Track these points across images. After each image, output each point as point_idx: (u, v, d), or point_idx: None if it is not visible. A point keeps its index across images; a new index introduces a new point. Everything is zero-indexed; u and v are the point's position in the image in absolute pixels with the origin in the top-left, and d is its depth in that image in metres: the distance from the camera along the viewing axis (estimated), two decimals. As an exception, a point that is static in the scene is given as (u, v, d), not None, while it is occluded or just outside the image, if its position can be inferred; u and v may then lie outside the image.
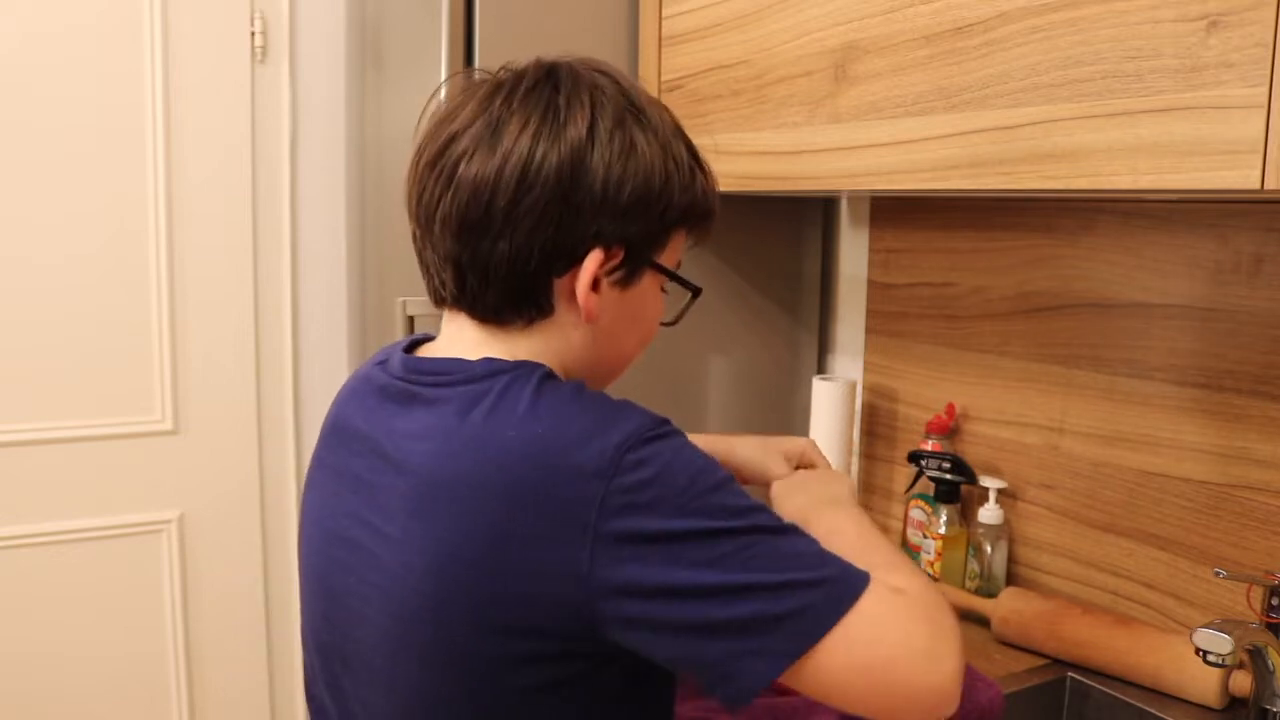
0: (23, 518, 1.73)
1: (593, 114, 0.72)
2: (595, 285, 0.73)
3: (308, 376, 1.94)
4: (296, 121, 1.87)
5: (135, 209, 1.75)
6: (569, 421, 0.66)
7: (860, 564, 0.70)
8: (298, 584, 1.93)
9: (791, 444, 1.02)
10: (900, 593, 0.68)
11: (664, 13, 1.43)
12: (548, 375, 0.71)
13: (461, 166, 0.71)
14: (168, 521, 1.84)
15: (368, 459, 0.74)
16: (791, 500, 0.90)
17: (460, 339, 0.76)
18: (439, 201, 0.72)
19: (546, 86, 0.73)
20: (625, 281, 0.76)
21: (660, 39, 1.44)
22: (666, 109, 0.80)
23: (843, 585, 0.66)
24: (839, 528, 0.81)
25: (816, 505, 0.87)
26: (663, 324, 0.83)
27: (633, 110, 0.74)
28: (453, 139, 0.72)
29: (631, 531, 0.63)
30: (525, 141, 0.70)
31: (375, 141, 1.68)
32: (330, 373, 1.95)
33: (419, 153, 0.75)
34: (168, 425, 1.82)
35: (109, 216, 1.73)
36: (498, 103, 0.72)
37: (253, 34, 1.80)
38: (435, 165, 0.73)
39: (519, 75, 0.74)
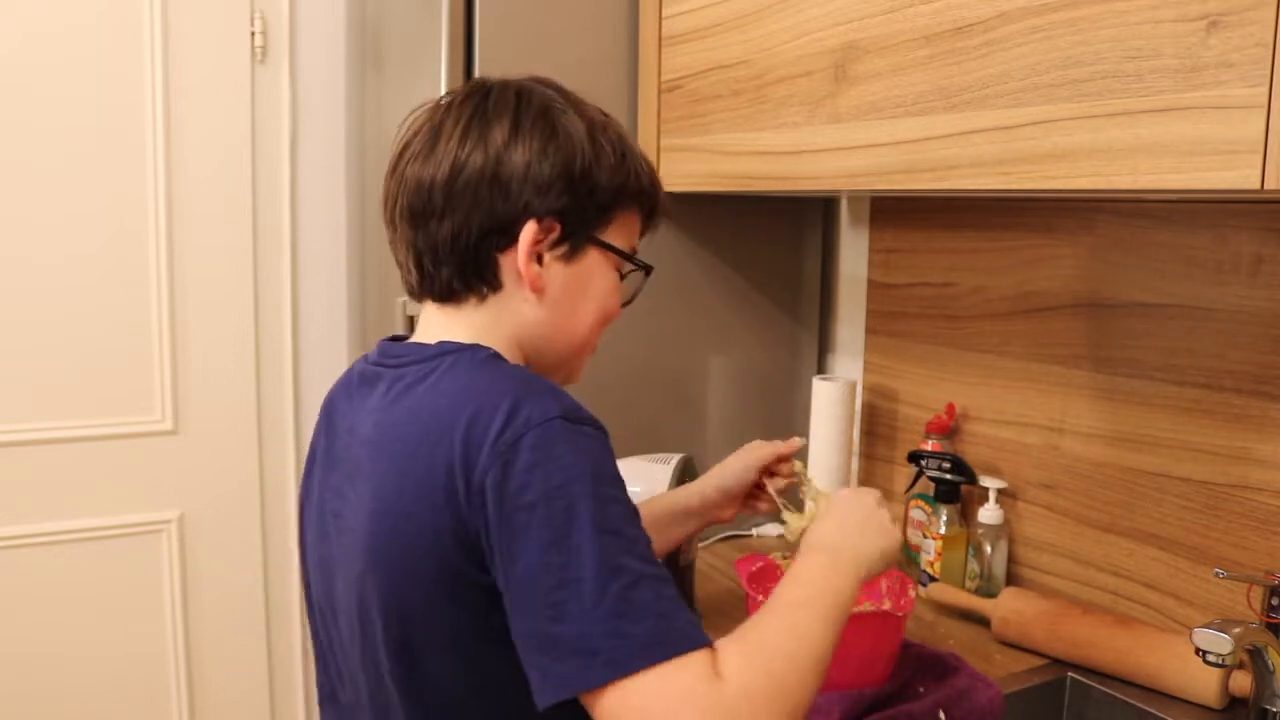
0: (23, 518, 1.73)
1: (516, 111, 0.81)
2: (540, 259, 0.82)
3: (308, 376, 1.94)
4: (296, 121, 1.87)
5: (135, 209, 1.75)
6: (496, 393, 0.72)
7: (748, 624, 0.71)
8: (298, 572, 1.92)
9: (744, 453, 1.12)
10: (716, 679, 0.65)
11: (664, 13, 1.43)
12: (492, 356, 0.79)
13: (409, 168, 0.82)
14: (168, 521, 1.84)
15: (344, 438, 0.83)
16: (826, 524, 0.90)
17: (428, 324, 0.85)
18: (395, 199, 0.83)
19: (478, 96, 0.83)
20: (569, 255, 0.83)
21: (660, 39, 1.44)
22: (603, 112, 0.88)
23: (649, 645, 0.65)
24: (796, 580, 0.79)
25: (824, 546, 0.85)
26: (623, 304, 0.90)
27: (558, 105, 0.83)
28: (405, 147, 0.84)
29: (502, 494, 0.68)
30: (456, 141, 0.80)
31: (375, 141, 1.68)
32: (330, 373, 1.94)
33: (388, 167, 0.86)
34: (168, 425, 1.82)
35: (109, 216, 1.73)
36: (439, 115, 0.83)
37: (253, 34, 1.80)
38: (393, 173, 0.84)
39: (460, 92, 0.85)
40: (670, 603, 0.67)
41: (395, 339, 0.88)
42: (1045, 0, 0.90)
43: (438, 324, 0.84)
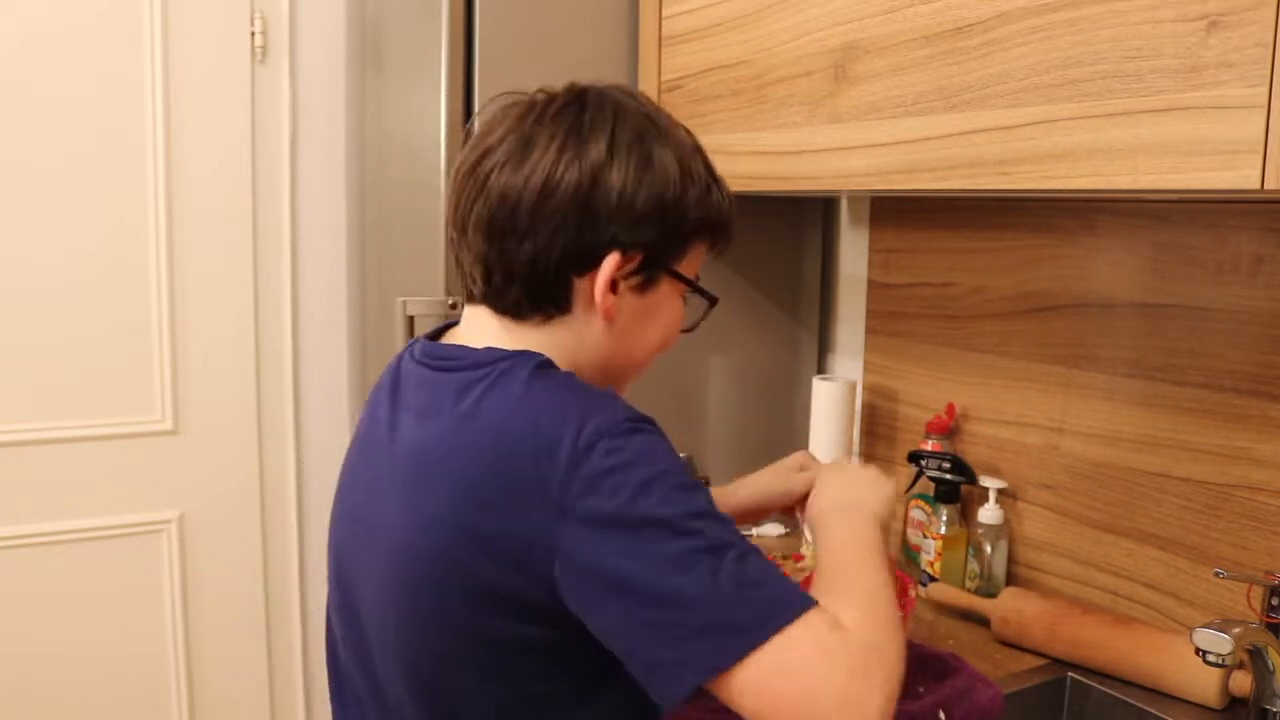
0: (23, 518, 1.73)
1: (613, 131, 0.78)
2: (614, 287, 0.79)
3: (308, 376, 1.94)
4: (296, 121, 1.87)
5: (135, 209, 1.75)
6: (554, 406, 0.71)
7: (828, 583, 0.73)
8: (298, 572, 1.92)
9: (790, 460, 1.07)
10: (840, 629, 0.67)
11: (664, 13, 1.43)
12: (544, 364, 0.76)
13: (493, 176, 0.78)
14: (168, 521, 1.84)
15: (382, 438, 0.81)
16: (824, 494, 0.92)
17: (477, 328, 0.82)
18: (472, 207, 0.79)
19: (574, 107, 0.79)
20: (643, 286, 0.81)
21: (660, 39, 1.44)
22: (688, 131, 0.85)
23: (774, 609, 0.66)
24: (838, 540, 0.82)
25: (837, 509, 0.88)
26: (683, 331, 0.90)
27: (654, 127, 0.80)
28: (487, 153, 0.79)
29: (591, 511, 0.67)
30: (551, 155, 0.76)
31: (375, 141, 1.69)
32: (330, 373, 1.95)
33: (458, 166, 0.82)
34: (168, 425, 1.82)
35: (109, 216, 1.73)
36: (529, 122, 0.79)
37: (253, 34, 1.80)
38: (471, 175, 0.80)
39: (550, 97, 0.81)
40: (774, 570, 0.69)
41: (439, 333, 0.87)
42: (1045, 0, 0.90)
43: (489, 330, 0.81)
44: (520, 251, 0.77)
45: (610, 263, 0.77)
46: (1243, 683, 1.03)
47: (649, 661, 0.67)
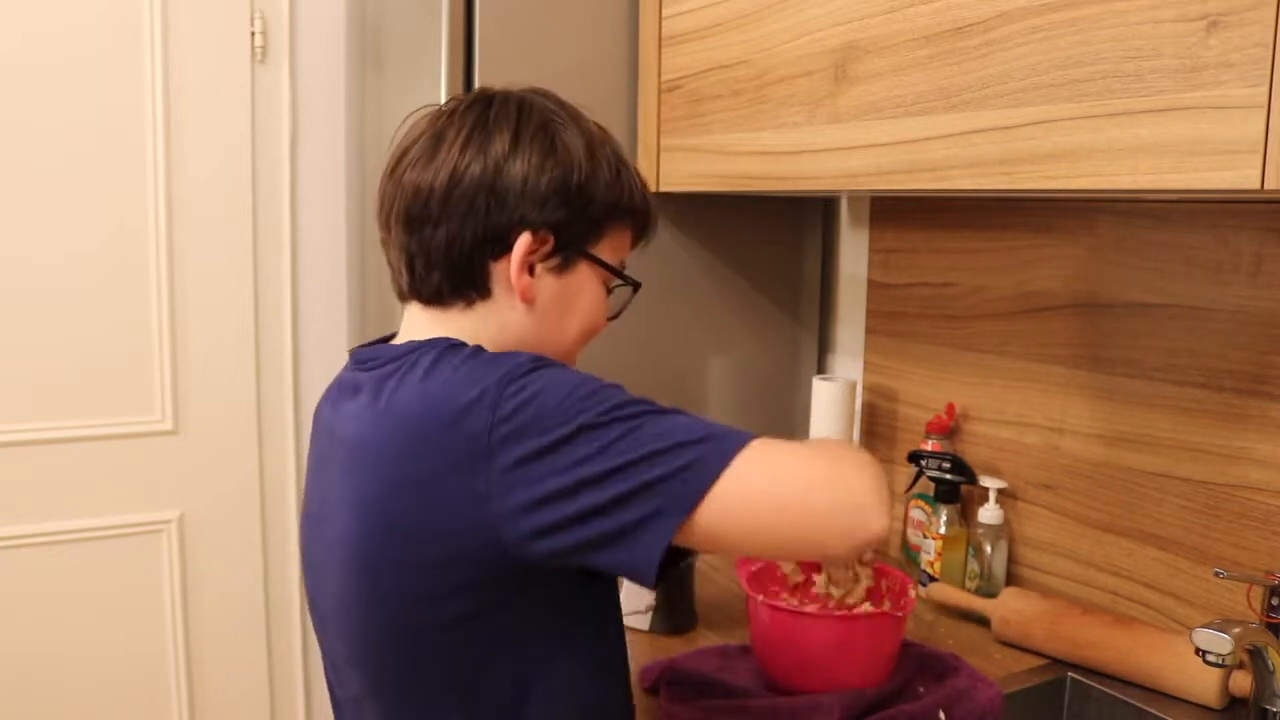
0: (23, 518, 1.73)
1: (518, 122, 0.82)
2: (532, 270, 0.83)
3: (308, 376, 1.94)
4: (296, 121, 1.87)
5: (135, 209, 1.75)
6: (458, 376, 0.74)
7: (813, 447, 0.76)
8: (298, 572, 1.92)
9: None
10: (801, 445, 0.72)
11: (664, 13, 1.43)
12: (453, 346, 0.80)
13: (408, 174, 0.83)
14: (168, 521, 1.84)
15: (328, 444, 0.84)
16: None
17: (410, 325, 0.87)
18: (393, 205, 0.84)
19: (481, 105, 0.84)
20: (560, 268, 0.85)
21: (660, 39, 1.44)
22: (599, 126, 0.89)
23: (727, 439, 0.70)
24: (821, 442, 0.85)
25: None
26: (609, 318, 0.91)
27: (558, 119, 0.84)
28: (403, 154, 0.84)
29: (519, 457, 0.69)
30: (458, 148, 0.81)
31: (375, 141, 1.68)
32: (330, 373, 1.95)
33: (383, 172, 0.87)
34: (168, 425, 1.82)
35: (109, 216, 1.73)
36: (440, 122, 0.84)
37: (253, 34, 1.80)
38: (390, 176, 0.85)
39: (460, 99, 0.86)
40: (709, 419, 0.73)
41: (366, 345, 0.89)
42: (1045, 0, 0.90)
43: (421, 325, 0.85)
44: (435, 238, 0.81)
45: (522, 243, 0.81)
46: (1243, 683, 1.03)
47: (621, 537, 0.69)
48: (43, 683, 1.77)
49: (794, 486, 0.69)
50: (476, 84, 1.37)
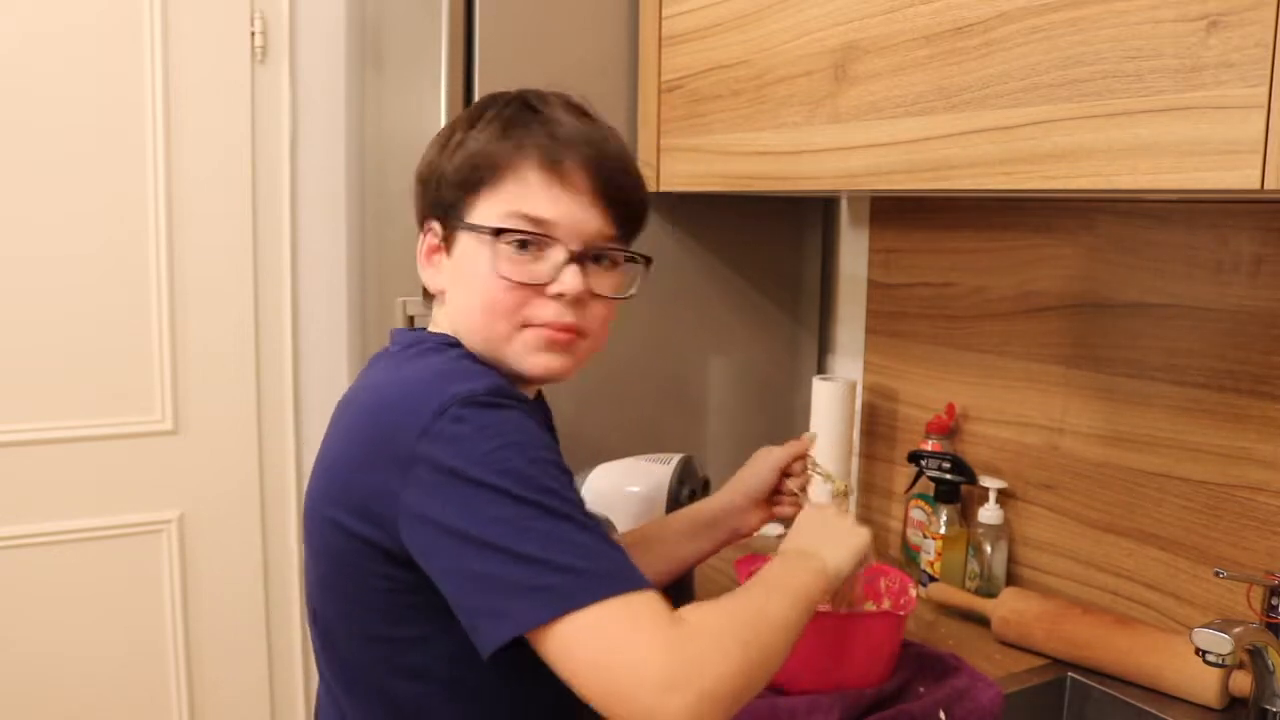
0: (23, 518, 1.73)
1: (453, 122, 0.88)
2: (436, 261, 0.89)
3: (308, 376, 1.94)
4: (296, 121, 1.87)
5: (135, 209, 1.75)
6: (426, 378, 0.78)
7: (729, 596, 0.74)
8: (303, 573, 1.90)
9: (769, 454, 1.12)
10: (677, 621, 0.67)
11: (664, 13, 1.43)
12: (445, 344, 0.84)
13: None
14: (168, 521, 1.84)
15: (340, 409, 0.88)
16: (794, 536, 0.94)
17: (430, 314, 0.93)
18: None
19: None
20: (448, 250, 0.87)
21: (660, 39, 1.44)
22: (521, 96, 0.87)
23: (598, 581, 0.67)
24: (768, 573, 0.83)
25: (795, 550, 0.89)
26: (505, 279, 0.83)
27: (475, 110, 0.87)
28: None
29: (429, 458, 0.71)
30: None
31: (375, 141, 1.68)
32: (330, 373, 1.95)
33: None
34: (168, 425, 1.82)
35: (109, 216, 1.73)
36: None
37: (253, 34, 1.80)
38: None
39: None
40: (618, 549, 0.71)
41: (403, 329, 0.95)
42: (1045, 0, 0.90)
43: (433, 313, 0.93)
44: None
45: (420, 241, 0.89)
46: (1243, 683, 1.03)
47: (473, 609, 0.69)
48: (43, 683, 1.77)
49: (626, 668, 0.65)
50: (476, 84, 1.37)
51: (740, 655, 0.69)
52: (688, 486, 1.34)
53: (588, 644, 0.66)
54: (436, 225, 0.87)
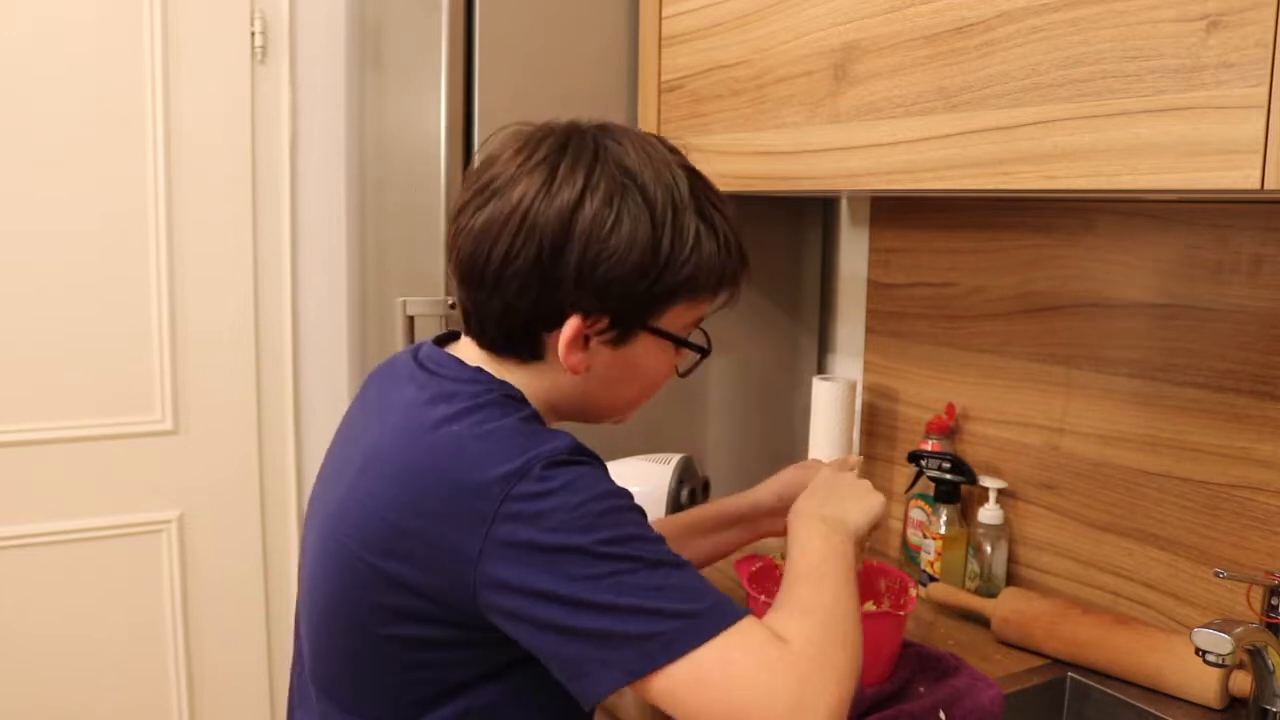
0: (23, 518, 1.73)
1: (583, 191, 0.76)
2: (586, 342, 0.81)
3: (308, 376, 1.94)
4: (296, 121, 1.87)
5: (135, 209, 1.75)
6: (506, 439, 0.73)
7: (786, 593, 0.75)
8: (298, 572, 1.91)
9: (802, 464, 1.11)
10: (781, 642, 0.68)
11: (664, 13, 1.43)
12: (512, 399, 0.79)
13: (466, 224, 0.80)
14: (168, 521, 1.84)
15: (366, 417, 0.84)
16: (811, 497, 0.94)
17: (473, 347, 0.85)
18: (452, 249, 0.82)
19: (555, 157, 0.78)
20: (617, 341, 0.81)
21: (660, 39, 1.44)
22: (686, 174, 0.82)
23: (705, 621, 0.68)
24: (808, 549, 0.83)
25: (818, 515, 0.89)
26: (680, 375, 0.89)
27: (632, 184, 0.77)
28: (470, 196, 0.81)
29: (517, 538, 0.69)
30: (516, 220, 0.77)
31: (375, 141, 1.68)
32: (330, 373, 1.95)
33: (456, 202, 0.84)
34: (168, 425, 1.82)
35: (109, 217, 1.73)
36: (509, 171, 0.79)
37: (253, 34, 1.80)
38: (456, 219, 0.82)
39: (537, 144, 0.80)
40: (708, 583, 0.71)
41: (441, 340, 0.89)
42: (1045, 0, 0.90)
43: (482, 357, 0.84)
44: (490, 305, 0.80)
45: (571, 326, 0.78)
46: (1243, 683, 1.03)
47: (573, 662, 0.68)
48: (43, 682, 1.77)
49: (751, 703, 0.66)
50: (477, 84, 1.37)
51: (845, 658, 0.71)
52: (688, 486, 1.35)
53: (708, 683, 0.66)
54: (605, 319, 0.79)
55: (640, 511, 0.74)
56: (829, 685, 0.67)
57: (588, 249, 0.76)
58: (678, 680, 0.66)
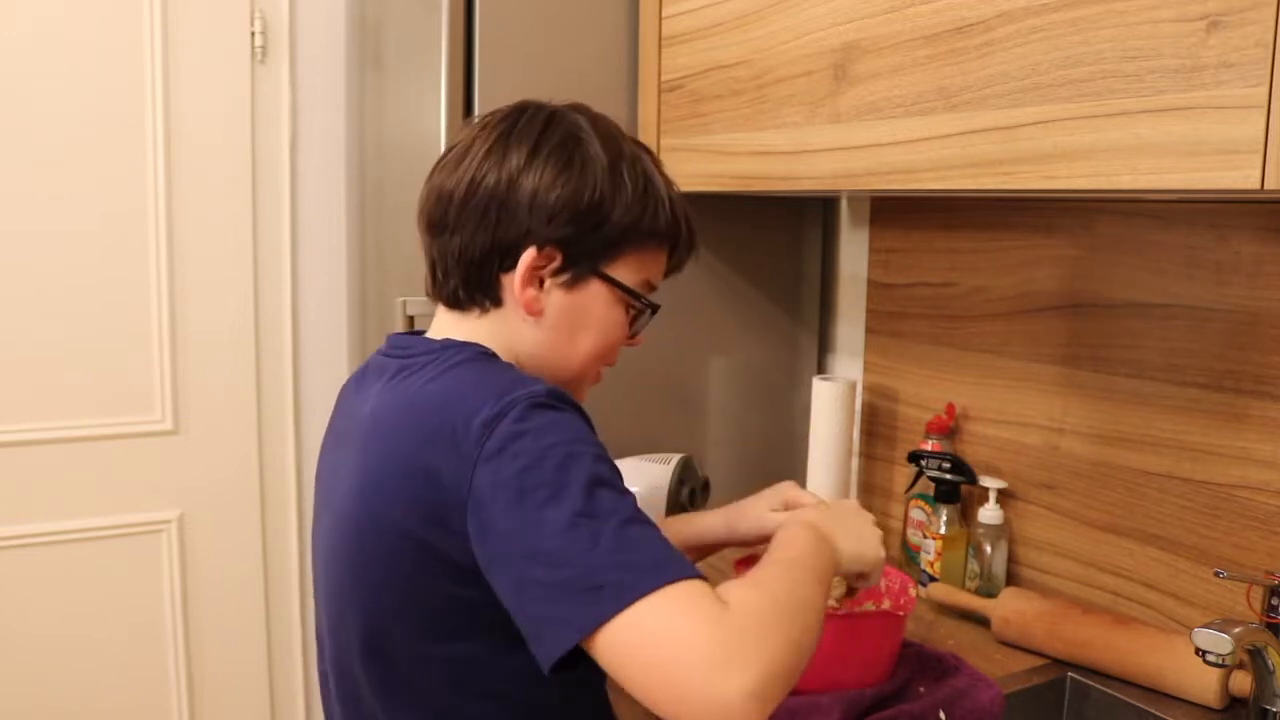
0: (23, 518, 1.73)
1: (539, 136, 0.84)
2: (541, 284, 0.85)
3: (308, 376, 1.94)
4: (296, 121, 1.87)
5: (135, 209, 1.75)
6: (482, 383, 0.76)
7: (753, 571, 0.74)
8: (298, 572, 1.91)
9: (774, 492, 1.09)
10: (720, 604, 0.66)
11: (664, 13, 1.43)
12: (485, 353, 0.83)
13: (434, 178, 0.87)
14: (168, 521, 1.84)
15: (349, 419, 0.88)
16: (810, 513, 0.95)
17: (438, 324, 0.90)
18: (421, 205, 0.88)
19: (512, 118, 0.86)
20: (570, 284, 0.85)
21: (660, 39, 1.44)
22: (637, 143, 0.90)
23: (649, 572, 0.66)
24: (793, 547, 0.82)
25: (807, 525, 0.88)
26: (627, 343, 0.92)
27: (586, 134, 0.85)
28: (440, 160, 0.88)
29: (490, 471, 0.70)
30: (478, 159, 0.84)
31: (375, 141, 1.68)
32: (330, 373, 1.95)
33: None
34: (168, 425, 1.82)
35: (109, 217, 1.73)
36: (474, 130, 0.87)
37: (253, 34, 1.80)
38: (426, 181, 0.88)
39: (503, 109, 0.88)
40: (664, 541, 0.70)
41: (406, 334, 0.92)
42: (1045, 0, 0.90)
43: (446, 325, 0.89)
44: (451, 244, 0.85)
45: (526, 257, 0.83)
46: (1243, 683, 1.03)
47: (532, 619, 0.68)
48: (43, 682, 1.77)
49: (679, 656, 0.63)
50: (477, 84, 1.38)
51: (784, 639, 0.67)
52: (687, 486, 1.35)
53: (638, 640, 0.64)
54: (558, 255, 0.84)
55: (614, 467, 0.73)
56: (759, 655, 0.64)
57: (543, 177, 0.82)
58: (618, 637, 0.65)
